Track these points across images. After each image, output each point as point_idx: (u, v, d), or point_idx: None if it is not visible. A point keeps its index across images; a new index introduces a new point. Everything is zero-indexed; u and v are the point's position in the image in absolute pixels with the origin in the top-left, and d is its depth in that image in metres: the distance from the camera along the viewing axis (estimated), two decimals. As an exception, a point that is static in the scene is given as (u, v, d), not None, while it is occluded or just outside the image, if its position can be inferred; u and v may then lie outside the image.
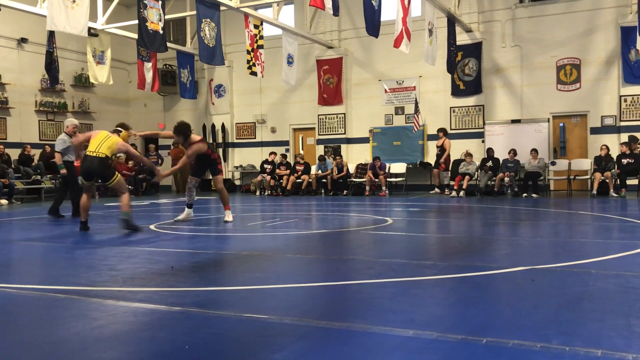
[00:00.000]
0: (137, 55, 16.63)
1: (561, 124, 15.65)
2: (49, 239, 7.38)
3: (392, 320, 3.15)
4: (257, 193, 17.27)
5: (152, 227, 8.26)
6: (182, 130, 8.66)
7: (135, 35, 13.89)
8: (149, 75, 16.85)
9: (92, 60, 15.64)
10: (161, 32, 13.34)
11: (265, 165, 17.37)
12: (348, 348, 2.71)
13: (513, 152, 14.63)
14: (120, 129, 8.23)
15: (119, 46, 18.53)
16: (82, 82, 19.11)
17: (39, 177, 15.96)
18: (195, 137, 8.89)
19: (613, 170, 13.48)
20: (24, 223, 9.68)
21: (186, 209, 9.09)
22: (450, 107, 16.52)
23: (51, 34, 14.51)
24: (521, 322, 3.09)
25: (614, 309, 3.29)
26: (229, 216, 8.85)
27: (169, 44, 14.96)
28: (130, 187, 17.35)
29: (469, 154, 15.26)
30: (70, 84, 18.91)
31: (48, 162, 16.62)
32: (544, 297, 3.68)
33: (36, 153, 16.87)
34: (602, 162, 13.73)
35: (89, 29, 13.63)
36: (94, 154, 7.51)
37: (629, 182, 13.46)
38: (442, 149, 15.80)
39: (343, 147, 17.94)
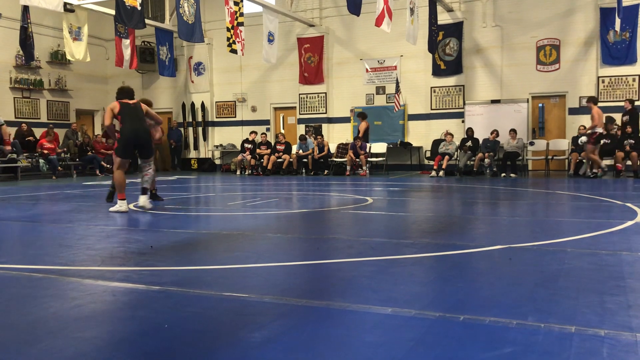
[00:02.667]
0: (114, 31, 16.36)
1: (540, 105, 15.79)
2: (26, 218, 7.28)
3: (372, 298, 3.18)
4: (238, 172, 17.21)
5: (131, 206, 8.20)
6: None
7: (113, 11, 13.65)
8: (127, 53, 16.59)
9: (69, 36, 15.34)
10: (139, 8, 13.13)
11: (246, 145, 17.28)
12: (328, 326, 2.73)
13: (496, 132, 14.73)
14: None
15: (96, 22, 18.20)
16: (58, 58, 18.74)
17: (14, 155, 15.70)
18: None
19: (590, 151, 13.64)
20: (0, 202, 9.53)
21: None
22: (431, 87, 16.55)
23: (25, 9, 14.19)
24: (498, 299, 3.14)
25: (588, 287, 3.35)
26: (115, 206, 7.44)
27: (147, 21, 14.74)
28: (108, 166, 17.21)
29: (449, 134, 15.34)
30: (46, 60, 18.55)
31: (24, 141, 16.36)
32: (520, 275, 3.74)
33: (12, 131, 16.56)
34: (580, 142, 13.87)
35: (65, 4, 13.37)
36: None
37: (606, 162, 13.66)
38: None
39: (324, 126, 17.91)
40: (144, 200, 7.68)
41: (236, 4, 14.43)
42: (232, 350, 2.43)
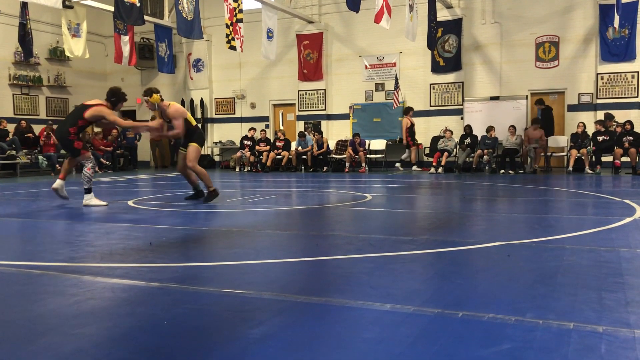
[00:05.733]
0: (113, 28, 16.29)
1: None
2: (25, 214, 7.28)
3: (370, 294, 3.18)
4: (237, 169, 17.21)
5: (130, 203, 8.20)
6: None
7: (112, 8, 13.63)
8: (126, 49, 16.55)
9: (68, 33, 15.28)
10: (138, 4, 13.12)
11: (245, 141, 17.27)
12: (326, 322, 2.74)
13: (492, 129, 14.71)
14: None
15: (95, 19, 18.14)
16: (57, 55, 18.70)
17: (14, 152, 15.69)
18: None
19: (589, 148, 13.68)
20: (-1, 199, 9.53)
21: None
22: (430, 84, 16.54)
23: (24, 5, 14.17)
24: (496, 296, 3.15)
25: (587, 283, 3.36)
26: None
27: (146, 17, 14.70)
28: (107, 162, 17.22)
29: (448, 131, 15.34)
30: (45, 57, 18.51)
31: (23, 137, 16.35)
32: (519, 271, 3.75)
33: (11, 128, 16.54)
34: (579, 139, 13.91)
35: (63, 0, 13.33)
36: None
37: (604, 159, 13.69)
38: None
39: (323, 123, 17.90)
40: (86, 198, 7.75)
41: (235, 0, 14.40)
42: (231, 346, 2.43)
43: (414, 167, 15.75)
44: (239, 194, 10.22)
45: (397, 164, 15.85)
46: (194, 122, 8.25)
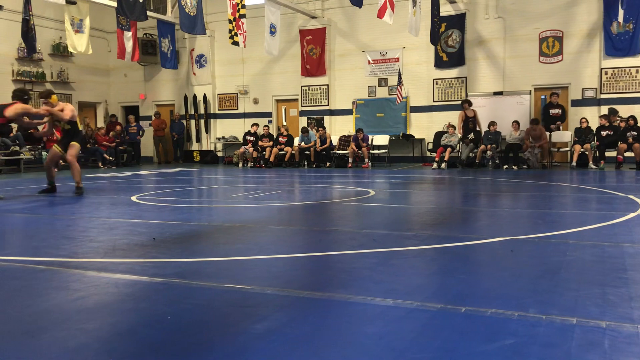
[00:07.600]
0: (116, 24, 16.31)
1: (543, 96, 15.73)
2: (29, 210, 7.30)
3: (373, 290, 3.19)
4: (240, 165, 17.21)
5: (133, 198, 8.22)
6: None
7: (114, 4, 13.62)
8: (129, 45, 16.55)
9: (71, 28, 15.27)
10: (141, 0, 13.10)
11: (248, 137, 17.27)
12: (329, 317, 2.74)
13: (495, 124, 14.67)
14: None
15: (98, 14, 18.14)
16: (60, 51, 18.70)
17: (17, 148, 15.72)
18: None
19: (592, 143, 13.64)
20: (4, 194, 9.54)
21: None
22: (433, 79, 16.49)
23: (27, 1, 14.16)
24: (499, 291, 3.15)
25: (590, 279, 3.35)
26: None
27: (149, 13, 14.71)
28: (111, 158, 17.25)
29: (451, 126, 15.31)
30: (48, 53, 18.51)
31: (27, 133, 16.37)
32: (522, 267, 3.75)
33: (14, 124, 16.56)
34: (582, 134, 13.86)
35: (66, -4, 13.33)
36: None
37: (608, 154, 13.65)
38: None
39: (326, 118, 17.88)
40: None
41: (238, -5, 14.36)
42: (234, 342, 2.44)
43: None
44: (242, 189, 10.22)
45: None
46: (80, 126, 9.28)
